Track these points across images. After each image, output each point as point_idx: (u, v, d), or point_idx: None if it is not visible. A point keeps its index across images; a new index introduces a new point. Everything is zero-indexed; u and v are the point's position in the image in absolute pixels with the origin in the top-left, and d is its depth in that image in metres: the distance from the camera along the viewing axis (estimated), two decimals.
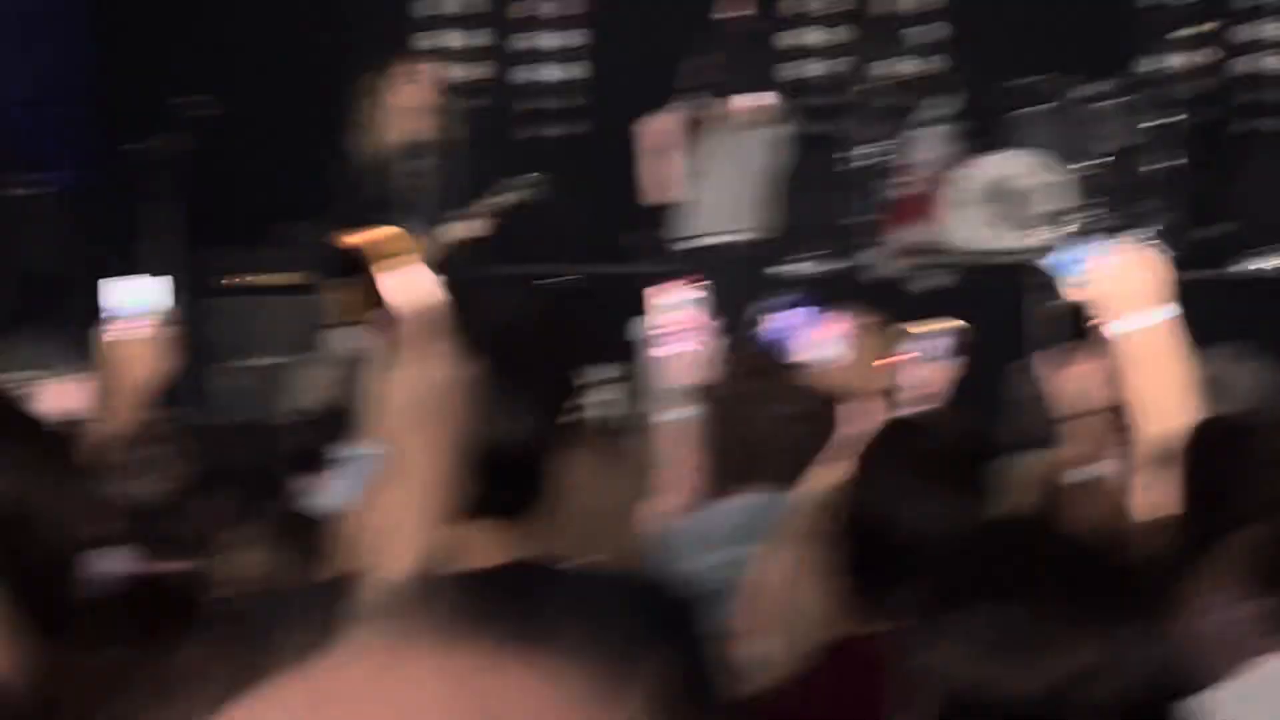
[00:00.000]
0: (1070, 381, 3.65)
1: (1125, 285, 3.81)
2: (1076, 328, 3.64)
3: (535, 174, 9.00)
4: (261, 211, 11.66)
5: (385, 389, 2.06)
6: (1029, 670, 1.83)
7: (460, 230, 8.92)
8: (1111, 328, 3.85)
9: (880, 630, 2.77)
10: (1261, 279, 10.91)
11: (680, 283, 4.79)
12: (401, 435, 2.04)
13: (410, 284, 2.09)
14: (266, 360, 10.94)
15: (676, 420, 4.47)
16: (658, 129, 9.48)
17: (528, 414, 2.25)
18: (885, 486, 2.86)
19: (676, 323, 4.62)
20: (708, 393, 4.33)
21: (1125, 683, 1.83)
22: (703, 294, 4.68)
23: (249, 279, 11.31)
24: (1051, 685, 1.82)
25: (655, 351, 4.60)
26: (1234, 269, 11.03)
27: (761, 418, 4.15)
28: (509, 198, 8.96)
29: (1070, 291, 3.90)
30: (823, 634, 2.97)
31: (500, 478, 2.25)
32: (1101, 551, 1.97)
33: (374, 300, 2.02)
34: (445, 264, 8.98)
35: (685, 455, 4.44)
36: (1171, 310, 3.80)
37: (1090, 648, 1.83)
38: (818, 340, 3.48)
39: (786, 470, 4.17)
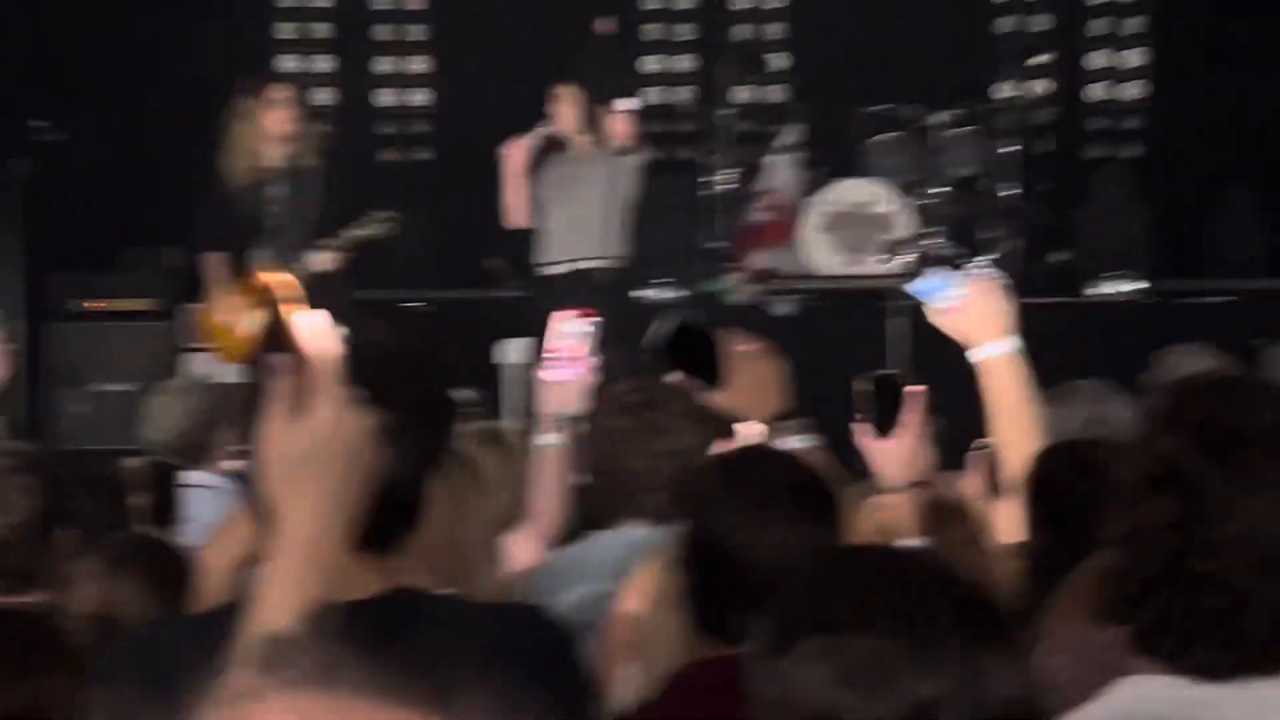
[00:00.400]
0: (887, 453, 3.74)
1: (980, 313, 3.89)
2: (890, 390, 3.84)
3: (391, 211, 8.98)
4: (112, 237, 11.55)
5: (285, 436, 1.99)
6: (878, 698, 1.84)
7: (319, 261, 8.90)
8: (971, 354, 3.95)
9: (731, 656, 2.80)
10: (1107, 304, 11.10)
11: (574, 312, 4.82)
12: (299, 483, 1.99)
13: (317, 327, 2.07)
14: (118, 386, 10.82)
15: (551, 447, 4.49)
16: (516, 152, 9.47)
17: (405, 442, 2.24)
18: (725, 514, 2.88)
19: (566, 350, 4.65)
20: (584, 423, 4.34)
21: (975, 711, 1.84)
22: (594, 326, 4.70)
23: (101, 304, 11.18)
24: (900, 714, 1.83)
25: (541, 376, 4.62)
26: (1080, 295, 11.21)
27: (636, 452, 4.15)
28: (366, 230, 8.93)
29: (933, 317, 3.98)
30: (677, 660, 2.98)
31: (379, 508, 2.25)
32: (956, 579, 2.00)
33: (276, 341, 1.99)
34: (305, 293, 8.96)
35: (556, 482, 4.45)
36: (1017, 340, 3.90)
37: (940, 676, 1.84)
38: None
39: (662, 504, 4.18)
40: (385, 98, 12.68)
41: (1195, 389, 2.29)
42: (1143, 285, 11.14)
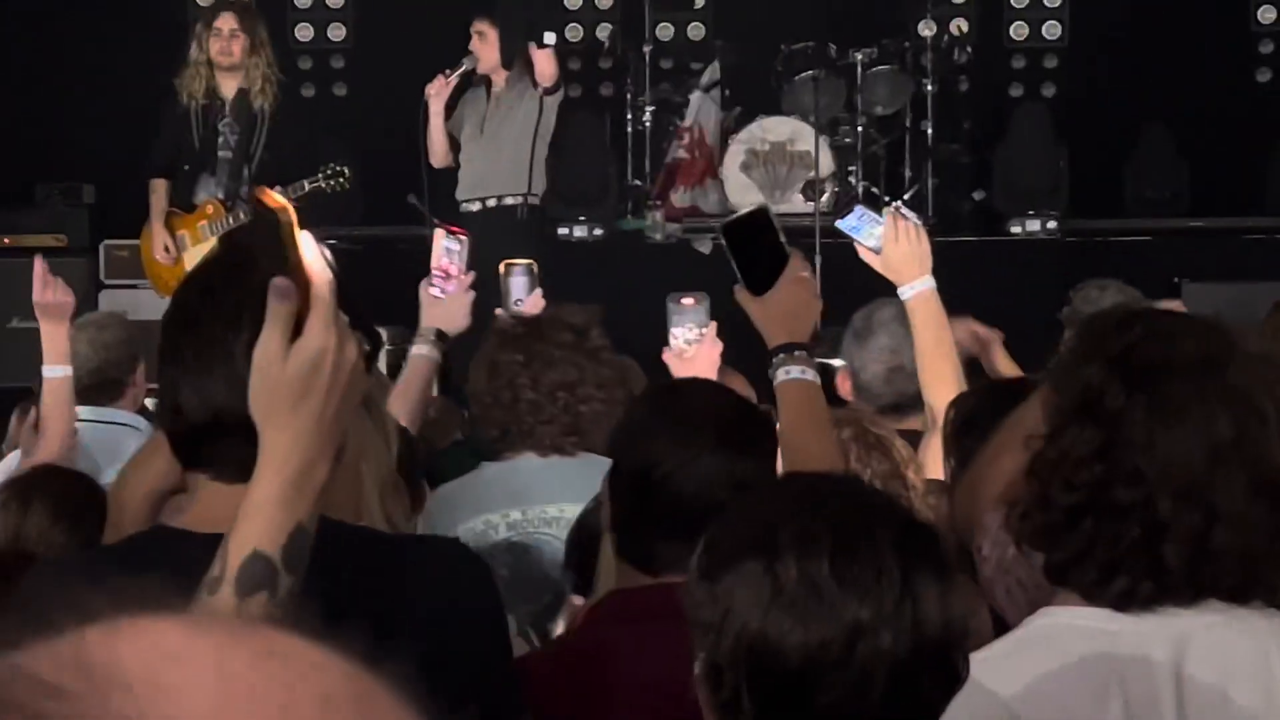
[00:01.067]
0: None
1: (903, 252, 3.93)
2: None
3: (343, 165, 8.94)
4: (26, 172, 11.43)
5: (280, 357, 1.96)
6: (814, 620, 1.86)
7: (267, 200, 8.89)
8: (900, 292, 4.00)
9: (653, 586, 2.81)
10: (1026, 242, 11.15)
11: (449, 228, 4.87)
12: (293, 405, 1.96)
13: (314, 251, 2.05)
14: (32, 324, 10.71)
15: (421, 357, 4.52)
16: (438, 94, 9.47)
17: None
18: (656, 445, 2.89)
19: (446, 267, 4.68)
20: (481, 352, 4.35)
21: (911, 634, 1.87)
22: (463, 243, 4.74)
23: (15, 240, 11.07)
24: (836, 636, 1.86)
25: (423, 291, 4.65)
26: (999, 233, 11.26)
27: (526, 385, 4.19)
28: (312, 184, 8.89)
29: (864, 254, 4.02)
30: (609, 586, 3.00)
31: None
32: (895, 506, 2.01)
33: (286, 263, 1.98)
34: (241, 228, 8.92)
35: (421, 392, 4.49)
36: (931, 279, 3.95)
37: (876, 599, 1.86)
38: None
39: (554, 436, 4.21)
40: (304, 32, 12.56)
41: (1116, 321, 2.30)
42: (1061, 224, 11.20)
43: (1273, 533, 2.19)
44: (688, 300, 4.19)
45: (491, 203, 9.56)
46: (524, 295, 4.90)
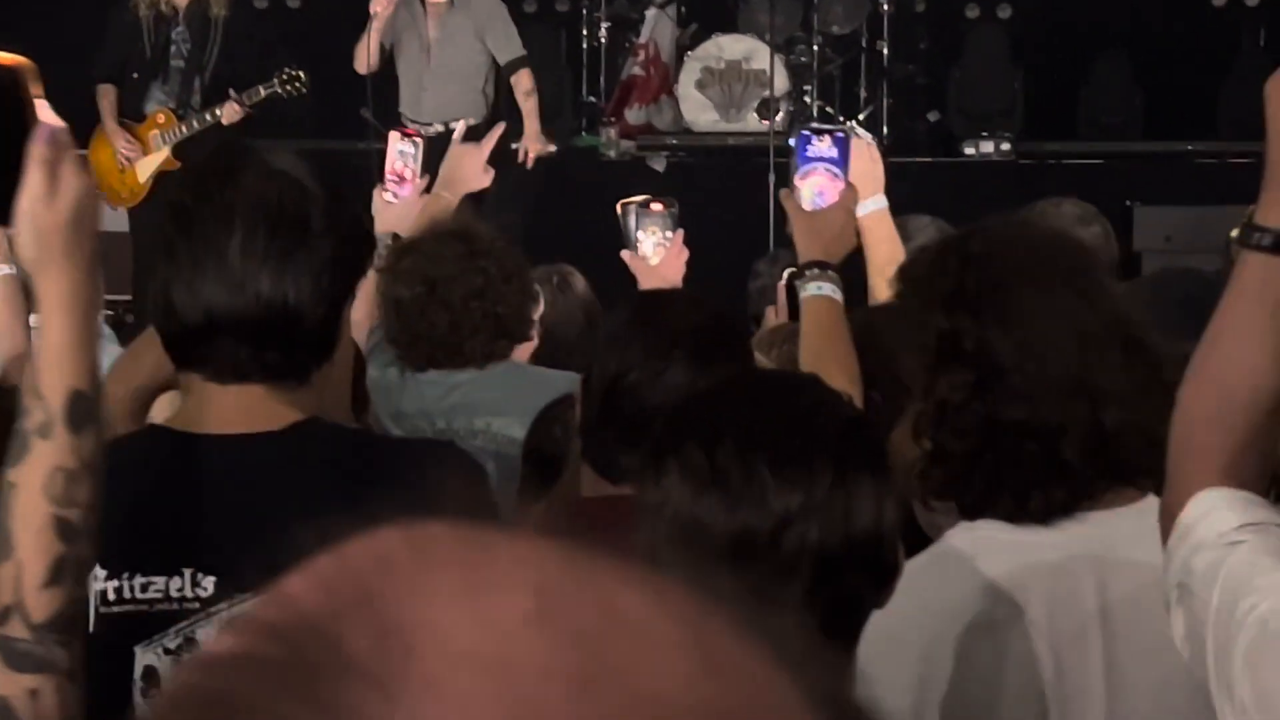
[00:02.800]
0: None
1: (858, 171, 3.94)
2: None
3: (297, 69, 8.86)
4: None
5: (44, 205, 2.02)
6: (744, 507, 1.89)
7: (225, 113, 8.81)
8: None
9: (614, 496, 2.82)
10: (980, 164, 11.16)
11: (404, 130, 4.87)
12: (63, 249, 2.01)
13: (47, 110, 2.08)
14: None
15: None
16: (383, 5, 9.25)
17: (324, 275, 2.25)
18: (626, 354, 2.91)
19: (399, 171, 4.68)
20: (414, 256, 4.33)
21: (841, 530, 1.89)
22: (417, 145, 4.73)
23: None
24: (765, 524, 1.88)
25: (377, 196, 4.65)
26: (953, 154, 11.27)
27: (437, 310, 4.18)
28: (273, 89, 8.82)
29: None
30: (581, 493, 3.00)
31: (293, 340, 2.26)
32: (838, 404, 2.03)
33: (20, 115, 1.98)
34: (192, 139, 8.85)
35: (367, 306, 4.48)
36: (884, 199, 3.97)
37: (808, 492, 1.89)
38: (817, 185, 3.54)
39: (483, 343, 4.22)
40: None
41: (931, 262, 2.32)
42: (1015, 145, 11.21)
43: (1153, 386, 2.21)
44: (656, 205, 4.18)
45: (455, 125, 9.32)
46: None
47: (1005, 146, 11.15)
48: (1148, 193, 10.47)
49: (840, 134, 3.64)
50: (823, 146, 3.59)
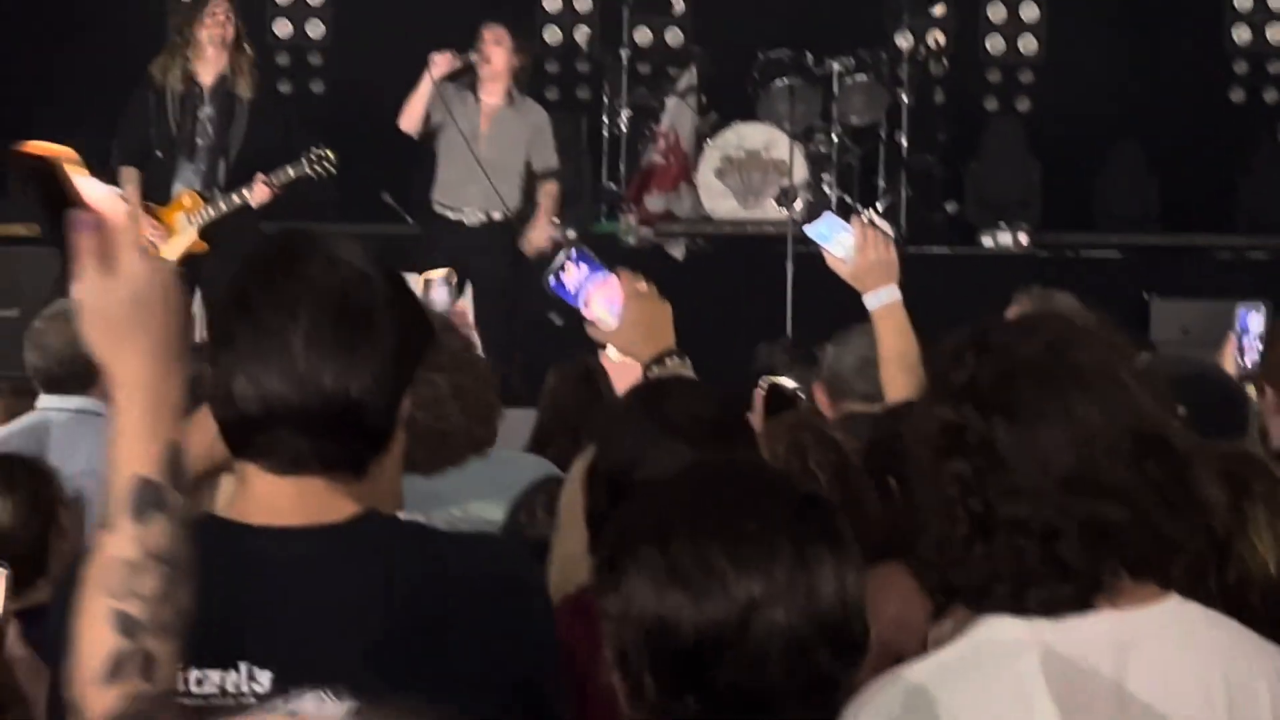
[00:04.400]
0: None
1: (870, 261, 3.94)
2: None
3: (326, 150, 8.88)
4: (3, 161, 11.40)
5: (101, 290, 1.97)
6: (709, 599, 1.86)
7: (252, 195, 8.81)
8: (865, 300, 4.00)
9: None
10: (997, 255, 11.18)
11: (442, 271, 4.88)
12: (126, 334, 1.97)
13: (100, 189, 2.05)
14: (12, 311, 10.70)
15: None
16: (442, 64, 9.44)
17: (386, 366, 2.22)
18: (630, 442, 2.88)
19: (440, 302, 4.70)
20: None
21: (805, 607, 1.87)
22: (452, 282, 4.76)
23: None
24: (732, 613, 1.86)
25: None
26: (971, 245, 11.29)
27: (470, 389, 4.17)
28: (302, 169, 8.84)
29: (831, 262, 4.01)
30: (565, 582, 2.99)
31: (354, 431, 2.23)
32: (789, 483, 2.01)
33: (64, 201, 1.97)
34: (220, 222, 8.86)
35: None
36: (896, 291, 3.96)
37: (768, 575, 1.86)
38: (601, 298, 3.43)
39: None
40: (282, 28, 12.56)
41: (950, 352, 2.30)
42: (1033, 237, 11.24)
43: (1169, 483, 2.19)
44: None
45: (498, 216, 9.49)
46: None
47: (1023, 238, 11.17)
48: (1165, 285, 10.49)
49: (573, 251, 3.51)
50: (575, 275, 3.43)
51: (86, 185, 2.03)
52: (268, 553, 2.17)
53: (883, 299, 3.94)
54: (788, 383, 4.95)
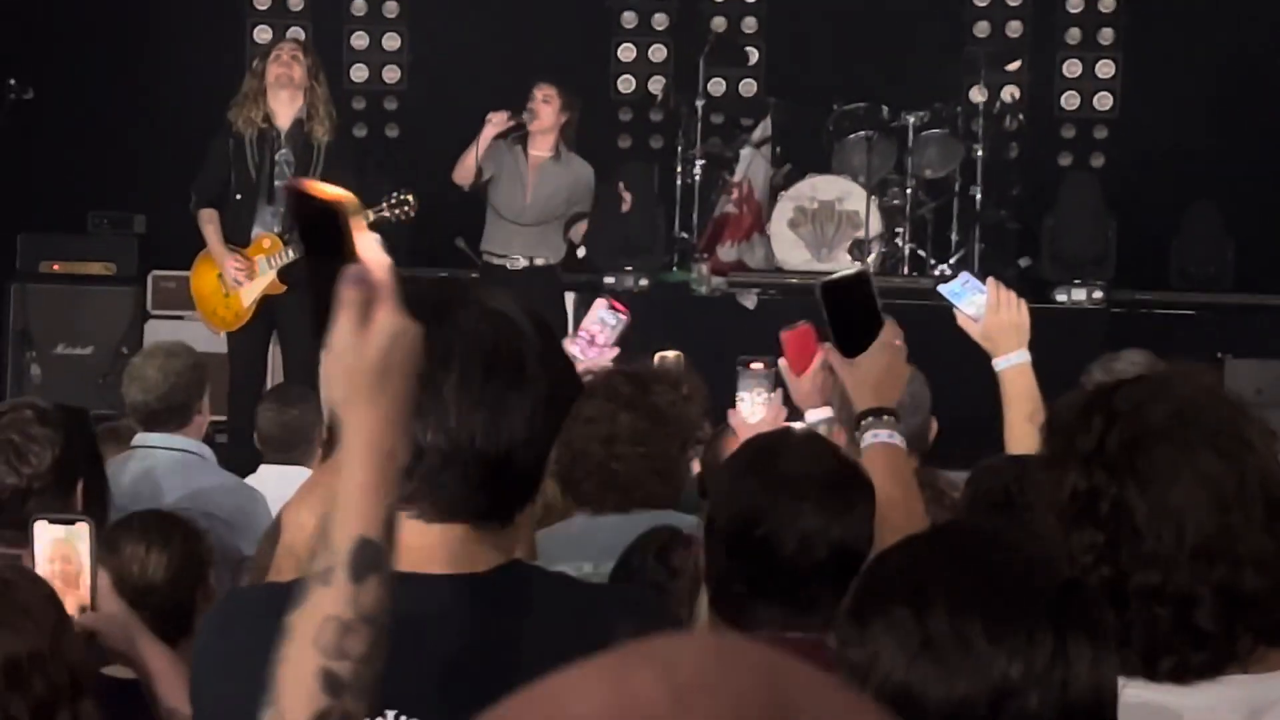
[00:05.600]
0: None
1: (1004, 322, 3.87)
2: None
3: (406, 193, 8.95)
4: (80, 200, 11.51)
5: (351, 345, 1.96)
6: (961, 675, 1.79)
7: None
8: (995, 363, 3.93)
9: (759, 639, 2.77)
10: (1071, 311, 11.14)
11: (612, 303, 4.93)
12: (368, 392, 1.96)
13: (370, 237, 2.05)
14: (79, 350, 10.79)
15: None
16: (499, 121, 9.69)
17: (536, 417, 2.21)
18: (752, 502, 2.85)
19: (590, 332, 4.74)
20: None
21: (1061, 696, 1.80)
22: (620, 321, 4.79)
23: (67, 267, 11.14)
24: (983, 693, 1.79)
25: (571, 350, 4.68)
26: (1045, 301, 11.25)
27: (601, 440, 4.16)
28: (376, 213, 8.90)
29: (962, 321, 3.95)
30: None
31: (504, 481, 2.22)
32: (1052, 563, 1.95)
33: (341, 256, 1.97)
34: (298, 264, 8.91)
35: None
36: (1028, 352, 3.89)
37: (1028, 659, 1.79)
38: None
39: (642, 493, 4.19)
40: (358, 73, 12.65)
41: (1077, 413, 2.26)
42: (1107, 294, 11.19)
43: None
44: (756, 365, 4.20)
45: (540, 261, 9.84)
46: None
47: (1097, 294, 11.13)
48: (1240, 345, 10.42)
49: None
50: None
51: (362, 237, 2.01)
52: (416, 601, 2.16)
53: (1013, 361, 3.87)
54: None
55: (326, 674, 1.93)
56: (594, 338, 4.72)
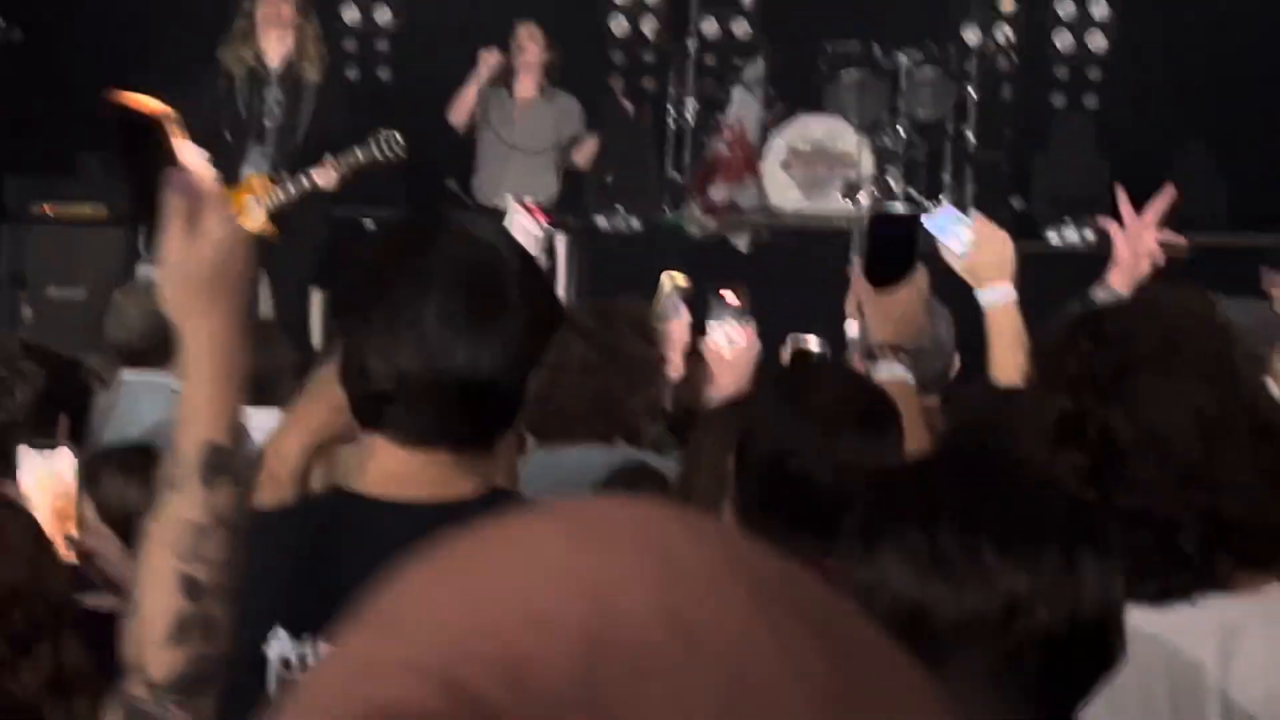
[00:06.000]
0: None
1: (989, 256, 3.85)
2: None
3: (395, 133, 8.93)
4: (70, 142, 11.47)
5: (185, 252, 2.00)
6: (970, 591, 1.81)
7: (320, 177, 8.84)
8: (979, 295, 3.92)
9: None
10: (1064, 252, 11.14)
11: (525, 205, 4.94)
12: (206, 297, 2.00)
13: (191, 147, 2.06)
14: (70, 292, 10.77)
15: None
16: (492, 60, 9.77)
17: (517, 343, 2.23)
18: (785, 433, 2.82)
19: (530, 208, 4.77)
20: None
21: (1069, 611, 1.82)
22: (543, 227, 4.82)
23: (57, 209, 11.11)
24: (992, 608, 1.81)
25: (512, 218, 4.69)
26: (1037, 241, 11.25)
27: (574, 373, 4.20)
28: (372, 153, 8.88)
29: (946, 256, 3.93)
30: None
31: (484, 407, 2.25)
32: (1058, 483, 1.97)
33: (157, 162, 1.98)
34: (288, 205, 8.91)
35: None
36: (1012, 288, 3.87)
37: (1036, 573, 1.81)
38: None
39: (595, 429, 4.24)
40: (349, 15, 12.59)
41: (1064, 339, 2.27)
42: (1099, 234, 11.19)
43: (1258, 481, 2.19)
44: (728, 294, 4.20)
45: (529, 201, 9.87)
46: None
47: (1090, 235, 11.13)
48: (1232, 285, 10.41)
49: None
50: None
51: (182, 146, 2.06)
52: (398, 527, 2.16)
53: (998, 294, 3.85)
54: (812, 343, 4.92)
55: (185, 578, 1.95)
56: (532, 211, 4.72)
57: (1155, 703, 2.20)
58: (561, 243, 10.22)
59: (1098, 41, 12.42)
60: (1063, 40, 12.46)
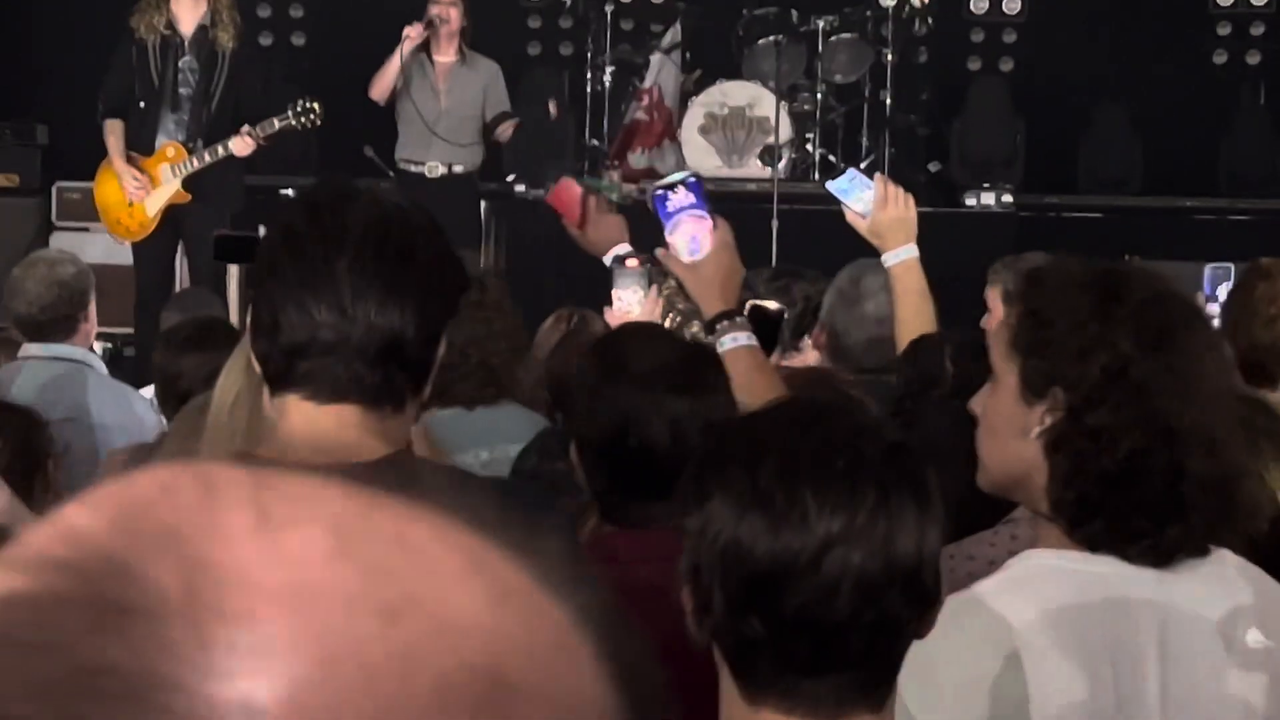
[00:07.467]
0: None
1: (892, 218, 3.90)
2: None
3: (312, 101, 8.88)
4: None
5: None
6: (788, 530, 1.86)
7: (236, 145, 8.78)
8: (884, 258, 3.97)
9: (621, 533, 2.80)
10: (980, 215, 11.19)
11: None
12: None
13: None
14: None
15: None
16: (414, 35, 9.69)
17: (424, 303, 2.27)
18: (614, 406, 2.84)
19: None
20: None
21: (884, 555, 1.86)
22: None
23: None
24: (809, 548, 1.86)
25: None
26: (954, 205, 11.30)
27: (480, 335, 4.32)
28: (282, 122, 8.83)
29: (851, 218, 3.98)
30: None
31: (392, 367, 2.27)
32: (885, 430, 2.01)
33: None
34: (203, 173, 8.84)
35: None
36: (915, 247, 3.93)
37: (851, 515, 1.86)
38: (688, 232, 3.44)
39: (471, 389, 4.39)
40: None
41: (1105, 287, 2.30)
42: (1016, 197, 11.25)
43: (1241, 451, 2.27)
44: (632, 263, 4.20)
45: (458, 169, 9.92)
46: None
47: (1006, 198, 11.18)
48: (1146, 247, 10.49)
49: (692, 179, 3.59)
50: (679, 198, 3.52)
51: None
52: None
53: (902, 256, 3.91)
54: (771, 305, 4.90)
55: None
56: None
57: (1092, 657, 2.24)
58: (484, 210, 10.24)
59: (1012, 4, 12.47)
60: (978, 3, 12.50)
